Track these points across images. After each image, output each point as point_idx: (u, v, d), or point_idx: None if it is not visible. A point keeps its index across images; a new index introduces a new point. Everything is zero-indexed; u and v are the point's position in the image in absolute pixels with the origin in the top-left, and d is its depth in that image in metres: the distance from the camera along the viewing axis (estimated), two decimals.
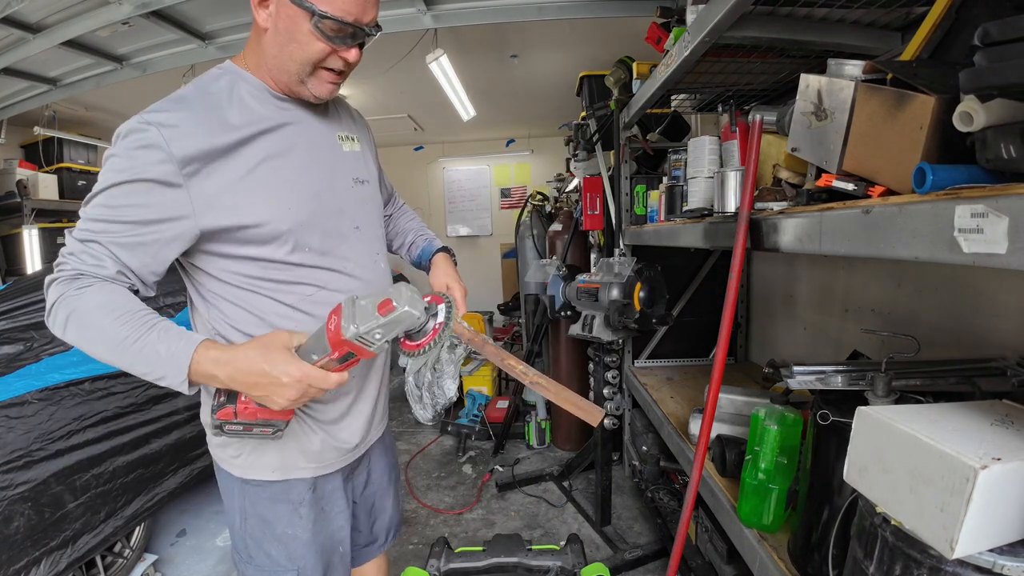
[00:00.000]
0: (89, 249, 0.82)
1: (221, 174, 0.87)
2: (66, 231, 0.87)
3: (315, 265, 0.98)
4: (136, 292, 0.86)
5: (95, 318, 0.79)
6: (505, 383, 4.30)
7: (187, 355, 0.79)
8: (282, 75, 0.92)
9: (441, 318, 0.90)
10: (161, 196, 0.83)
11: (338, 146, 1.05)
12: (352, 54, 0.92)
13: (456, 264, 1.23)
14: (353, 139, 1.09)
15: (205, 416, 0.87)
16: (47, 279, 0.82)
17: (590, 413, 0.99)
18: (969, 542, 0.59)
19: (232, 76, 0.94)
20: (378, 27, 0.93)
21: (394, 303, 0.77)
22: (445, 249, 1.25)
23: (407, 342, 0.89)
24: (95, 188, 0.84)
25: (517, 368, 1.00)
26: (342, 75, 0.96)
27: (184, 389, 0.81)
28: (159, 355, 0.79)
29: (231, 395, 0.83)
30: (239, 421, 0.82)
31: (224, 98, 0.91)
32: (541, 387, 1.00)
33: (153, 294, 0.91)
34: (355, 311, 0.77)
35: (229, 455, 1.03)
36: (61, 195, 4.19)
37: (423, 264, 1.25)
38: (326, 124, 1.04)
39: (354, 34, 0.90)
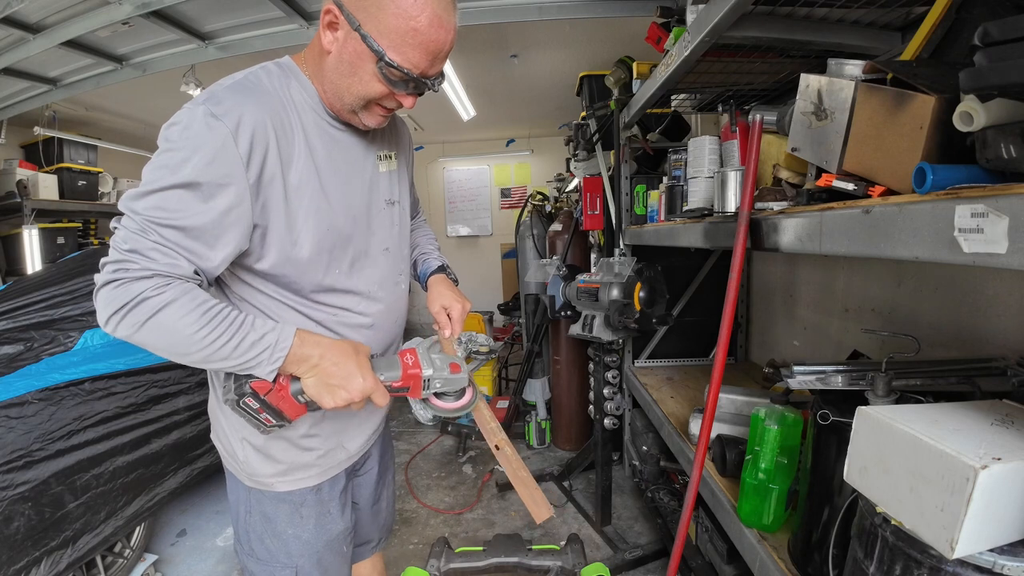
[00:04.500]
0: (159, 248, 0.77)
1: (269, 191, 0.85)
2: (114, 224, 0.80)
3: (344, 289, 0.99)
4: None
5: (184, 322, 0.76)
6: (505, 383, 4.30)
7: (288, 340, 0.81)
8: (336, 101, 0.91)
9: (467, 398, 1.03)
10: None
11: (376, 167, 1.04)
12: (409, 101, 0.91)
13: (457, 282, 1.24)
14: (391, 156, 1.08)
15: (224, 386, 0.85)
16: (104, 279, 0.76)
17: (537, 507, 0.97)
18: (969, 542, 0.59)
19: (289, 76, 0.91)
20: (441, 78, 0.91)
21: (461, 370, 0.97)
22: (442, 268, 1.25)
23: (436, 399, 1.01)
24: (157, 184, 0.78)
25: (491, 424, 1.04)
26: (393, 110, 0.95)
27: (271, 376, 0.82)
28: (255, 345, 0.79)
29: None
30: (265, 399, 0.84)
31: (284, 103, 0.88)
32: (504, 457, 1.00)
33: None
34: (431, 360, 0.95)
35: (238, 459, 1.03)
36: (61, 195, 4.17)
37: (421, 284, 1.26)
38: (367, 144, 1.02)
39: (417, 85, 0.88)
